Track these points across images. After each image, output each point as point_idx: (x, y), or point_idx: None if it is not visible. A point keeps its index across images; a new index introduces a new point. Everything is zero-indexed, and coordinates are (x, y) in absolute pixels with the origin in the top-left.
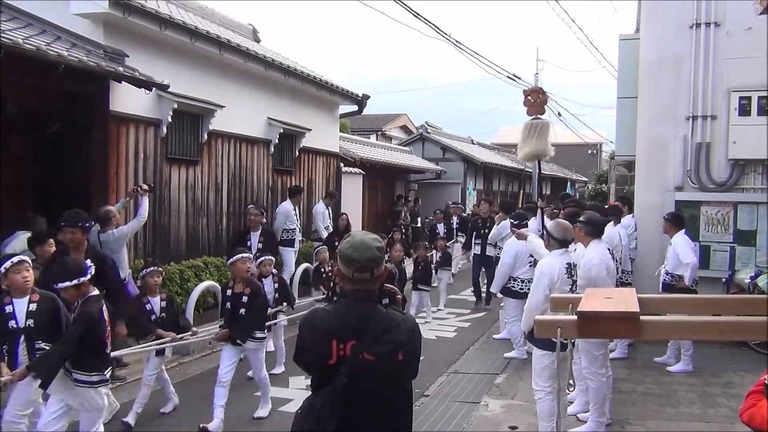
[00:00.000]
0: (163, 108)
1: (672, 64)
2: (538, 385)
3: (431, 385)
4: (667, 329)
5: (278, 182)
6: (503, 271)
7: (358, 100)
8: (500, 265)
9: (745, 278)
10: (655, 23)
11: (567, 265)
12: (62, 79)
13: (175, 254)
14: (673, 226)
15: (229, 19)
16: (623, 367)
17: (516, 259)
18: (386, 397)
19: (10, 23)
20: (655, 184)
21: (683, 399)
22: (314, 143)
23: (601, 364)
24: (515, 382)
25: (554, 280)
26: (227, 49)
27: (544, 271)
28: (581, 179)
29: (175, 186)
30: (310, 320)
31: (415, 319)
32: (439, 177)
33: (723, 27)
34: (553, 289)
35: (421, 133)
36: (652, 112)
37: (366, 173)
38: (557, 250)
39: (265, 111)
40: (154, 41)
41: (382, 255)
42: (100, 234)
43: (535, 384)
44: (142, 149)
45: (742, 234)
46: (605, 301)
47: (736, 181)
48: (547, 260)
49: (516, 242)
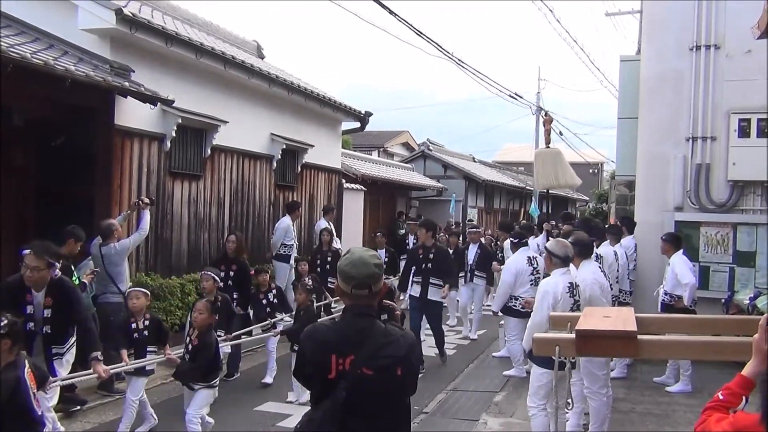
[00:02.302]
0: (167, 123)
1: (672, 84)
2: (533, 402)
3: (430, 402)
4: (665, 349)
5: (280, 198)
6: (504, 290)
7: (361, 116)
8: (501, 284)
9: (744, 299)
10: (655, 44)
11: (569, 284)
12: (69, 93)
13: (176, 268)
14: (671, 247)
15: (234, 36)
16: (622, 387)
17: (517, 278)
18: (385, 412)
19: (18, 38)
20: (655, 204)
21: (682, 419)
22: (317, 159)
23: (602, 384)
24: (514, 400)
25: (558, 299)
26: (232, 66)
27: (548, 289)
28: (582, 198)
29: (178, 200)
30: (310, 334)
31: (413, 335)
32: (440, 194)
33: (723, 49)
34: (555, 308)
35: (423, 151)
36: (652, 132)
37: (367, 190)
38: (560, 269)
39: (268, 127)
40: (159, 57)
41: (381, 271)
42: (102, 247)
43: (530, 401)
44: (145, 163)
45: (741, 255)
46: (603, 320)
47: (736, 202)
48: (550, 279)
49: (517, 260)
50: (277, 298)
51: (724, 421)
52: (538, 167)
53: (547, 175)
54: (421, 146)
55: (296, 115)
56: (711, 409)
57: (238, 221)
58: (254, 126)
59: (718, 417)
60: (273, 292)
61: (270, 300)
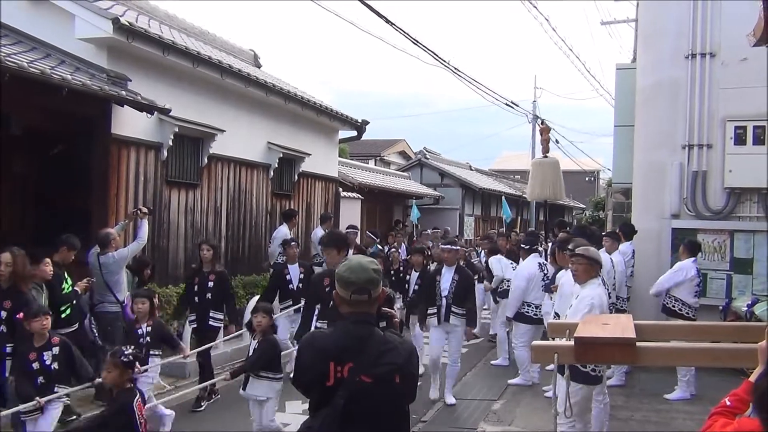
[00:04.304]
0: (164, 131)
1: (668, 92)
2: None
3: (428, 410)
4: (663, 356)
5: (277, 206)
6: (517, 296)
7: (358, 125)
8: (514, 289)
9: (741, 306)
10: (651, 52)
11: (608, 294)
12: (66, 102)
13: (173, 277)
14: (686, 251)
15: (231, 45)
16: (620, 395)
17: (529, 283)
18: (383, 419)
19: (15, 47)
20: (652, 212)
21: (681, 427)
22: (313, 168)
23: (599, 391)
24: (513, 408)
25: (605, 311)
26: (228, 74)
27: (594, 302)
28: (579, 206)
29: (175, 209)
30: (309, 342)
31: (412, 343)
32: (437, 202)
33: (718, 57)
34: None
35: (420, 159)
36: (648, 140)
37: (364, 198)
38: (596, 279)
39: (265, 135)
40: (156, 66)
41: (380, 277)
42: (100, 256)
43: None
44: (142, 172)
45: (738, 262)
46: (602, 327)
47: (732, 209)
48: (592, 291)
49: (528, 265)
50: (151, 336)
51: (729, 427)
52: (536, 176)
53: (543, 185)
54: (417, 155)
55: (293, 123)
56: (717, 414)
57: (235, 230)
58: (251, 135)
59: (723, 422)
60: (150, 325)
61: (145, 333)
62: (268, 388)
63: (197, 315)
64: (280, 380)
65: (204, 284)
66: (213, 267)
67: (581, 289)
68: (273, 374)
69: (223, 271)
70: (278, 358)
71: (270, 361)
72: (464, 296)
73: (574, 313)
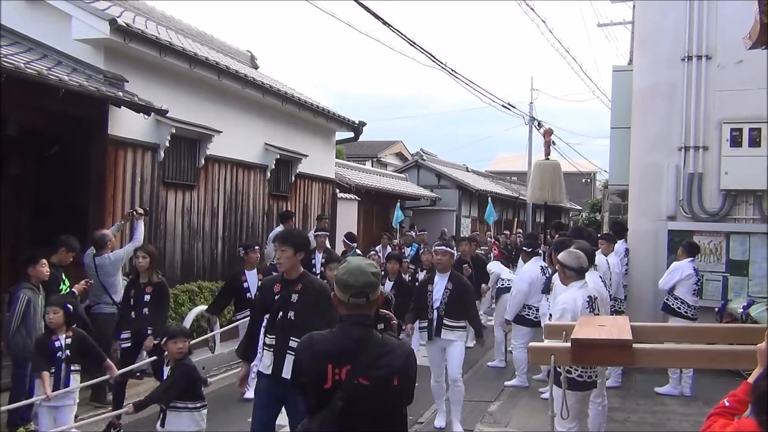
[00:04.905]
0: (161, 132)
1: (664, 94)
2: (562, 425)
3: (425, 412)
4: (660, 357)
5: (274, 207)
6: (519, 299)
7: (355, 126)
8: (516, 293)
9: (737, 308)
10: (647, 54)
11: (588, 298)
12: (62, 103)
13: (169, 278)
14: (684, 252)
15: (228, 46)
16: (617, 396)
17: (531, 286)
18: (381, 421)
19: (12, 48)
20: (648, 213)
21: (677, 428)
22: (310, 169)
23: (597, 393)
24: (509, 410)
25: (578, 316)
26: (225, 76)
27: (566, 307)
28: (575, 208)
29: (172, 210)
30: (307, 344)
31: (410, 345)
32: (434, 204)
33: (714, 59)
34: None
35: (416, 160)
36: (645, 141)
37: (361, 199)
38: (576, 282)
39: (262, 137)
40: (153, 67)
41: (378, 280)
42: (96, 257)
43: (559, 425)
44: (139, 173)
45: (734, 264)
46: (599, 329)
47: (728, 211)
48: (567, 295)
49: (530, 268)
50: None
51: (729, 427)
52: (537, 178)
53: (543, 188)
54: (414, 156)
55: (290, 124)
56: (716, 415)
57: (232, 231)
58: (248, 136)
59: (722, 423)
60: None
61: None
62: (189, 421)
63: (131, 332)
64: (204, 408)
65: (140, 298)
66: (150, 277)
67: (561, 292)
68: (192, 403)
69: (162, 282)
70: (195, 384)
71: (185, 390)
72: (459, 308)
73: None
